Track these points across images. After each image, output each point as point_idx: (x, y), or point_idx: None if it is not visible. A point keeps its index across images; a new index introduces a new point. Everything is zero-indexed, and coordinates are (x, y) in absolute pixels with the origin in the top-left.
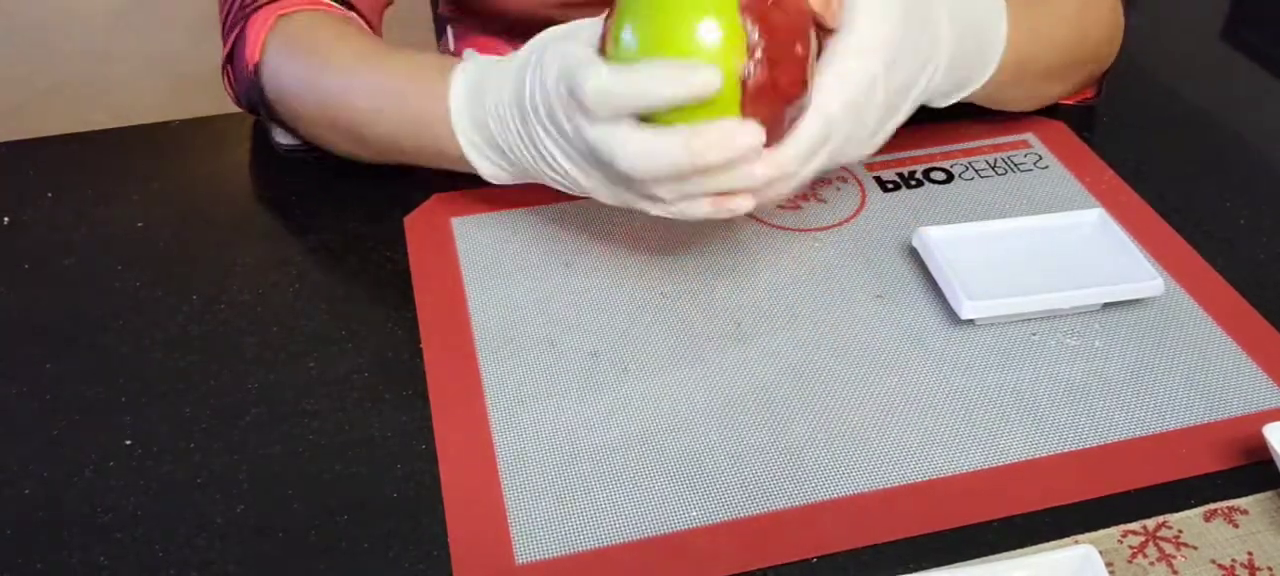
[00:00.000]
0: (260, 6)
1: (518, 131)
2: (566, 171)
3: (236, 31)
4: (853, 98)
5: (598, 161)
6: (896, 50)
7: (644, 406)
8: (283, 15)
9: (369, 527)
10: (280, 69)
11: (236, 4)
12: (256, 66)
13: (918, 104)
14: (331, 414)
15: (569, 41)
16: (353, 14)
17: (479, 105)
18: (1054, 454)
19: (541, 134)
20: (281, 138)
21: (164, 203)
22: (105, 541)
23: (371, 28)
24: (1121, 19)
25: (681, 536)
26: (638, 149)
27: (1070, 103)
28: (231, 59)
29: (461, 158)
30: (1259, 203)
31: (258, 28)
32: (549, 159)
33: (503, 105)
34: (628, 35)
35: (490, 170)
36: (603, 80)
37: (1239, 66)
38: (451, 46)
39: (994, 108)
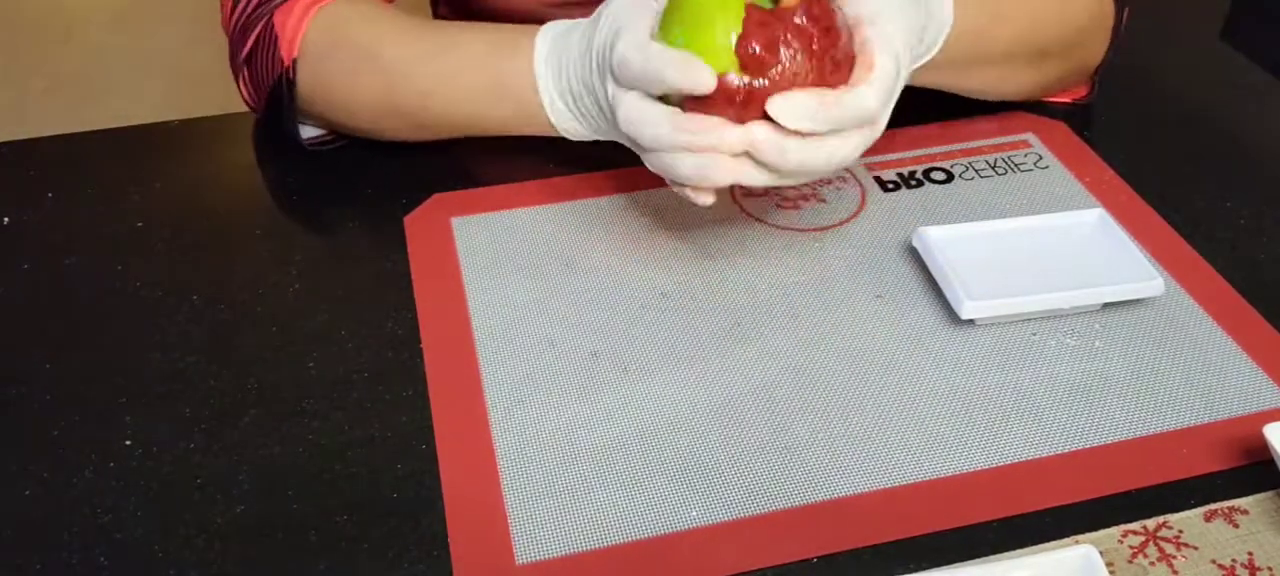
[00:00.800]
0: (281, 1)
1: (584, 82)
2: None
3: (257, 30)
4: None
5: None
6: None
7: (644, 406)
8: (321, 6)
9: (369, 527)
10: (325, 60)
11: (251, 3)
12: (293, 62)
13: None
14: (331, 414)
15: (634, 11)
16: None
17: (557, 64)
18: (1054, 454)
19: (597, 84)
20: (306, 131)
21: (164, 203)
22: (105, 541)
23: None
24: (1108, 10)
25: (681, 536)
26: (628, 113)
27: (1065, 100)
28: (250, 60)
29: (543, 116)
30: (1259, 203)
31: (292, 23)
32: (608, 111)
33: (574, 61)
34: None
35: (569, 126)
36: (626, 51)
37: (1239, 66)
38: None
39: (966, 95)
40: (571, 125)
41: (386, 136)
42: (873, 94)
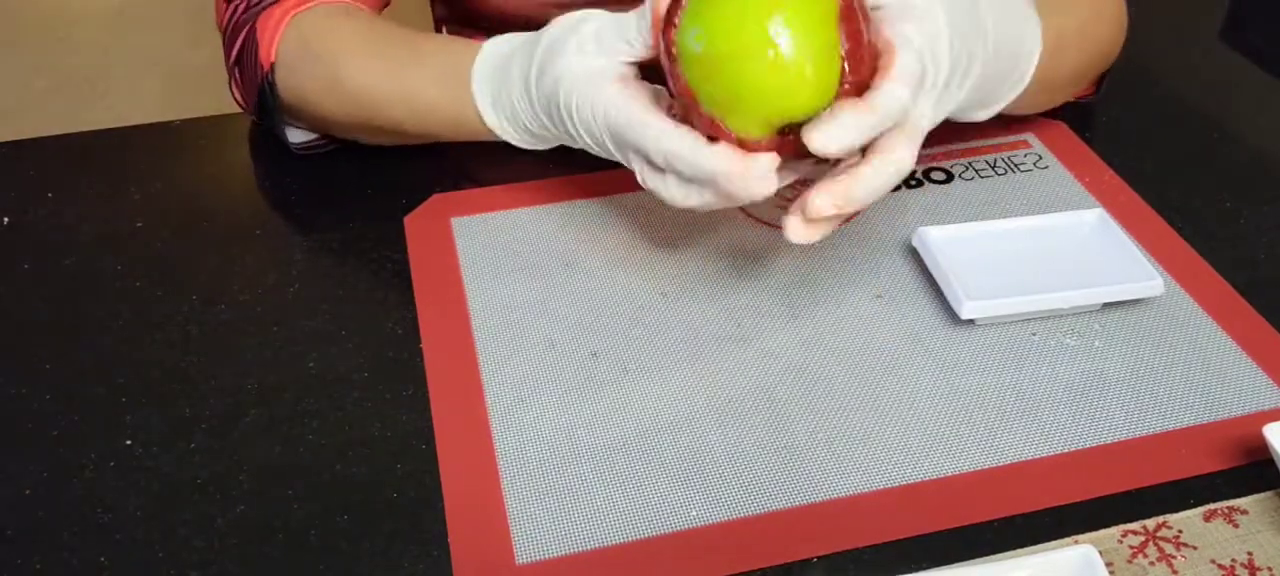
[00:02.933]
0: (268, 6)
1: (545, 124)
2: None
3: (244, 33)
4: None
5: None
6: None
7: (644, 406)
8: (296, 13)
9: (369, 527)
10: (297, 70)
11: (240, 6)
12: (271, 67)
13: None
14: (331, 414)
15: (589, 79)
16: (362, 4)
17: (496, 96)
18: (1054, 454)
19: (576, 132)
20: (294, 136)
21: (164, 203)
22: (105, 541)
23: None
24: (1125, 16)
25: (681, 536)
26: (671, 193)
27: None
28: (239, 62)
29: (496, 137)
30: (1260, 202)
31: (270, 28)
32: (582, 142)
33: (517, 97)
34: (692, 40)
35: (528, 144)
36: (664, 143)
37: (1239, 66)
38: None
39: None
40: (530, 144)
41: (366, 143)
42: (901, 87)
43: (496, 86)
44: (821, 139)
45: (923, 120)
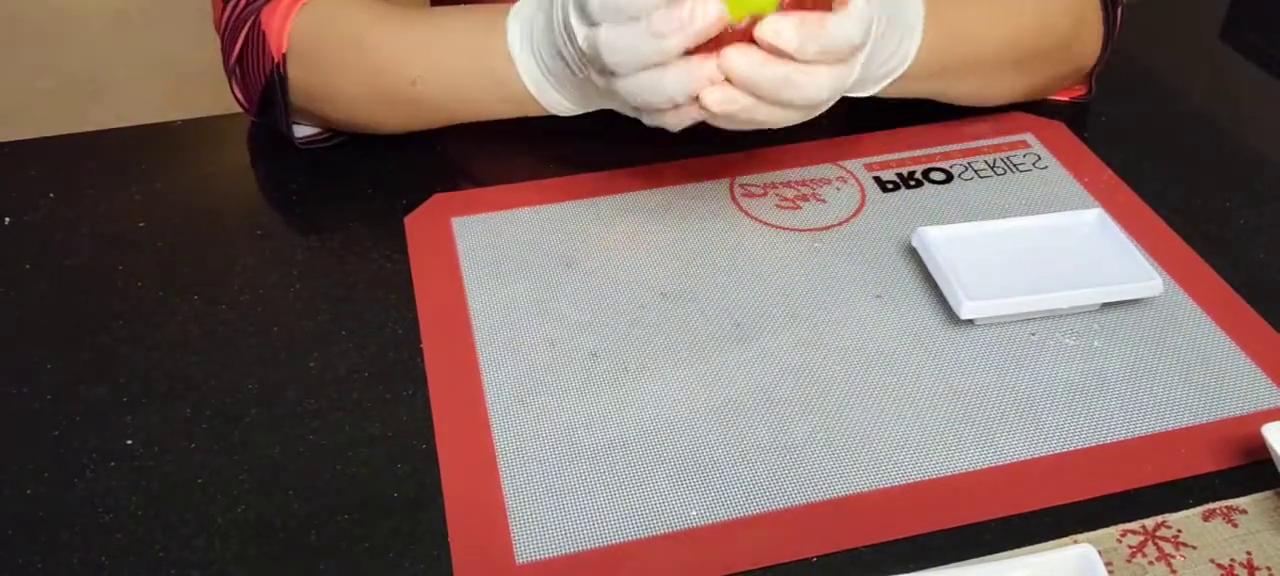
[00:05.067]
0: (269, 1)
1: (553, 48)
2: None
3: (246, 29)
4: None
5: (596, 65)
6: None
7: (644, 406)
8: (303, 4)
9: (369, 527)
10: (313, 55)
11: (238, 4)
12: (283, 58)
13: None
14: (331, 414)
15: None
16: None
17: (530, 42)
18: (1053, 453)
19: (563, 45)
20: (299, 130)
21: (164, 203)
22: (105, 541)
23: None
24: (1094, 10)
25: (681, 536)
26: (608, 39)
27: (1063, 99)
28: (241, 60)
29: (529, 97)
30: (1258, 203)
31: (278, 20)
32: (582, 66)
33: (540, 33)
34: None
35: (554, 100)
36: None
37: (1239, 66)
38: None
39: (954, 103)
40: (556, 99)
41: (380, 127)
42: (853, 24)
43: (526, 27)
44: (770, 25)
45: (855, 68)
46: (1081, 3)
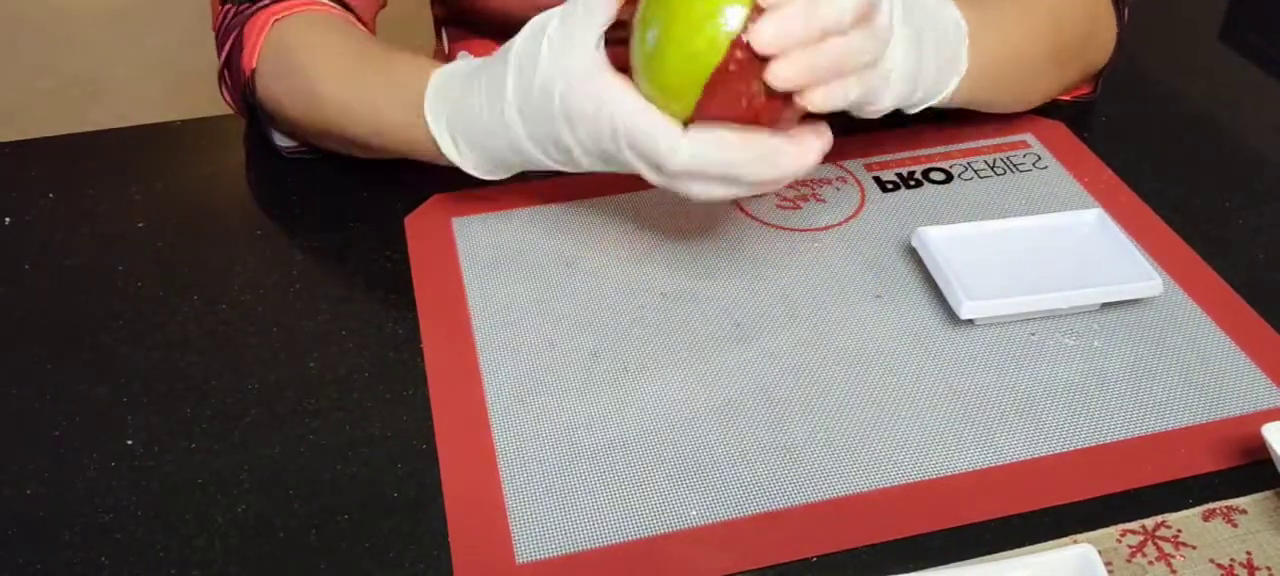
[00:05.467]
0: (256, 10)
1: (523, 143)
2: (580, 165)
3: (233, 37)
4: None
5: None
6: None
7: (644, 406)
8: (277, 20)
9: (369, 527)
10: (273, 79)
11: (231, 10)
12: (252, 73)
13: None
14: (331, 414)
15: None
16: (349, 13)
17: (460, 121)
18: (1053, 453)
19: (566, 139)
20: (281, 140)
21: (164, 203)
22: (105, 541)
23: (366, 27)
24: (1107, 12)
25: (682, 536)
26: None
27: (1068, 99)
28: (228, 64)
29: (447, 160)
30: (1258, 203)
31: (254, 33)
32: (561, 157)
33: (499, 126)
34: (651, 35)
35: (482, 170)
36: (683, 155)
37: (1238, 66)
38: (446, 49)
39: (979, 110)
40: (486, 173)
41: (338, 152)
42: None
43: (454, 109)
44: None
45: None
46: (1094, 3)
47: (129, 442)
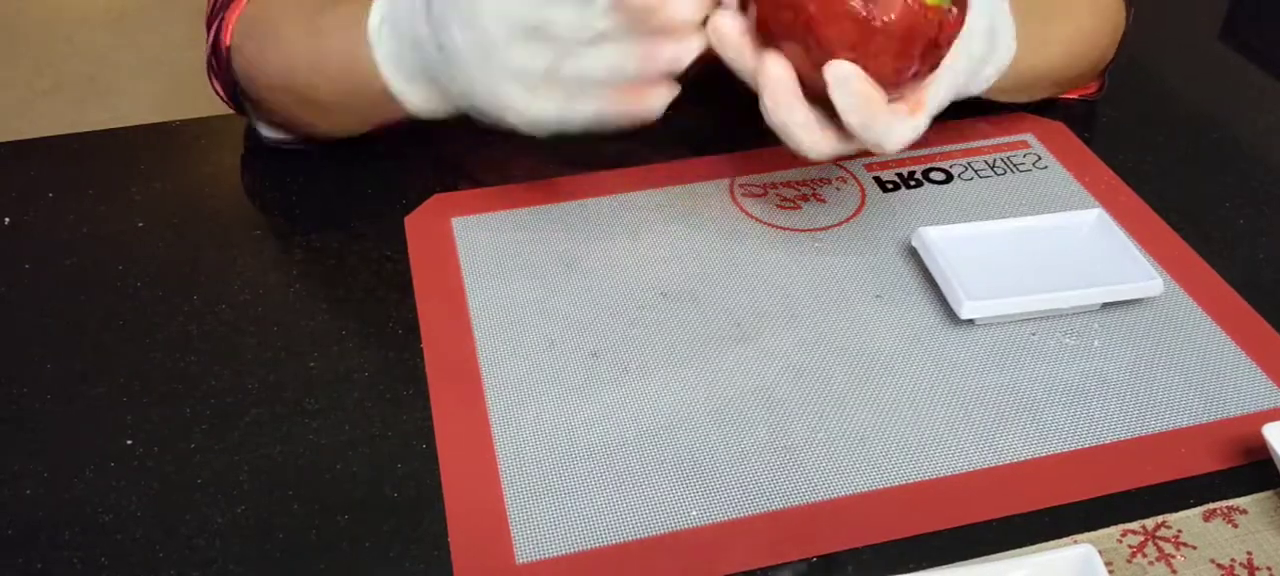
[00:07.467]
0: None
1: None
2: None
3: (216, 24)
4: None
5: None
6: None
7: (644, 406)
8: None
9: (369, 527)
10: (245, 39)
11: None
12: (228, 51)
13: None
14: (331, 413)
15: None
16: None
17: (398, 29)
18: (1053, 453)
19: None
20: (267, 131)
21: (164, 203)
22: (105, 541)
23: None
24: (1122, 17)
25: (681, 536)
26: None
27: (1073, 96)
28: (215, 50)
29: (388, 92)
30: (1259, 203)
31: (233, 13)
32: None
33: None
34: None
35: (419, 100)
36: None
37: (1239, 66)
38: None
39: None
40: (423, 102)
41: (318, 134)
42: (908, 131)
43: (392, 7)
44: (838, 80)
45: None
46: (1116, 6)
47: (129, 442)
